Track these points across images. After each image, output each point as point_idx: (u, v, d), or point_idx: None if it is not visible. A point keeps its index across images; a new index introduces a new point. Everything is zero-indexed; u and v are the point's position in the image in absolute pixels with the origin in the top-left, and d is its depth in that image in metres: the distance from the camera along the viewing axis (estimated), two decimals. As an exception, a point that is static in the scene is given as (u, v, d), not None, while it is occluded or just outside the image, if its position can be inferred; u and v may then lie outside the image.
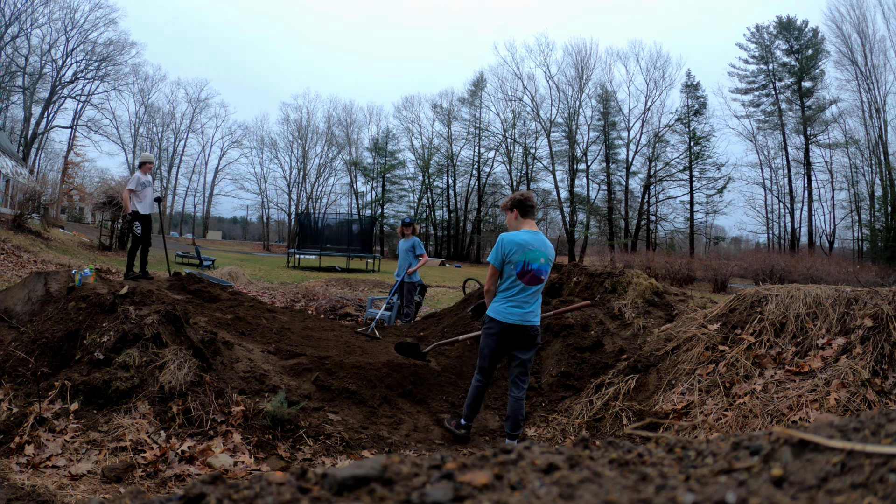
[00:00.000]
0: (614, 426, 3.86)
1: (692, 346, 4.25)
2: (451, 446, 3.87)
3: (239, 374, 4.04)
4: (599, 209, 49.58)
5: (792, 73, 42.83)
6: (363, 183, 57.29)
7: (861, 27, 37.42)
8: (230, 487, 0.61)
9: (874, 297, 3.77)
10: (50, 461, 2.84)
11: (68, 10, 42.14)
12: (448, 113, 54.38)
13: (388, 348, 5.25)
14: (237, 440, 3.27)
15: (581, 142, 49.73)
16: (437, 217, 56.34)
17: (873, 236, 36.34)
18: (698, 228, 47.30)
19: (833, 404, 3.17)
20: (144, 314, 3.85)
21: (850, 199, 40.08)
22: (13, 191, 23.73)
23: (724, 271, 22.95)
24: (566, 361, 5.09)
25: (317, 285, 12.84)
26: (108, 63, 45.04)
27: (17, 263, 11.07)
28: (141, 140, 53.20)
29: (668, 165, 47.45)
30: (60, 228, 22.26)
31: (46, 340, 3.76)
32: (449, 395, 4.60)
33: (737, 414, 3.42)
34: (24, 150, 40.62)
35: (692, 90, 47.20)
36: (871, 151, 37.64)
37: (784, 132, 43.43)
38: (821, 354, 3.59)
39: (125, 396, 3.34)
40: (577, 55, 49.61)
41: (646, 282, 6.41)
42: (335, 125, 56.85)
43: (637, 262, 23.94)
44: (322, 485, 0.60)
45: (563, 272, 7.43)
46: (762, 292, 4.34)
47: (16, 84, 40.46)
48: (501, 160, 53.44)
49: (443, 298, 12.05)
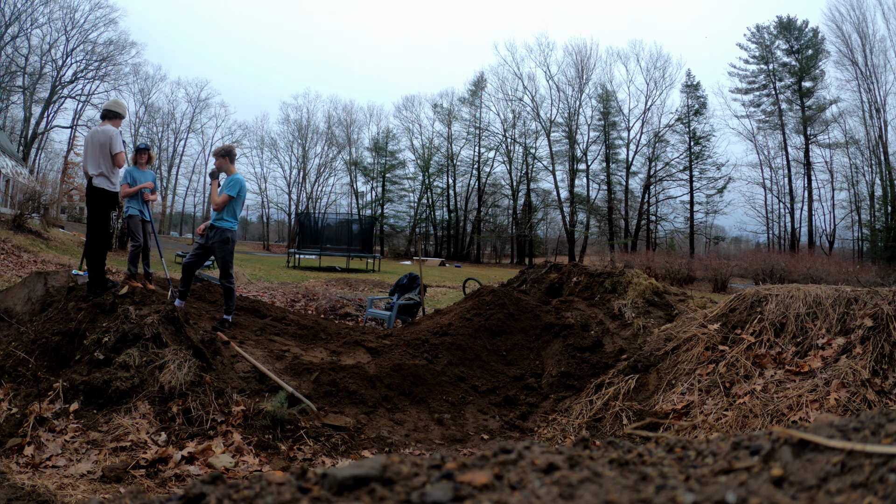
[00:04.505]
0: (614, 426, 3.86)
1: (692, 346, 4.25)
2: (451, 446, 3.87)
3: (239, 374, 4.05)
4: (599, 209, 49.59)
5: (792, 73, 42.83)
6: (363, 183, 57.35)
7: (861, 27, 37.43)
8: (230, 487, 0.61)
9: (874, 297, 3.77)
10: (50, 461, 2.84)
11: (68, 9, 42.16)
12: (448, 113, 54.42)
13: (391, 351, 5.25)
14: (237, 440, 3.27)
15: (581, 142, 49.77)
16: (437, 217, 56.35)
17: (873, 236, 36.33)
18: (698, 228, 47.30)
19: (833, 404, 3.17)
20: (144, 314, 3.85)
21: (850, 199, 40.12)
22: (13, 191, 23.73)
23: (724, 271, 22.93)
24: (566, 361, 5.09)
25: (317, 285, 12.85)
26: (108, 63, 45.06)
27: (17, 263, 11.07)
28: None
29: (668, 165, 47.48)
30: (60, 228, 22.26)
31: (46, 340, 3.76)
32: (449, 395, 4.60)
33: (737, 414, 3.42)
34: (24, 150, 40.62)
35: (692, 90, 47.22)
36: (871, 151, 37.65)
37: (784, 132, 43.44)
38: (821, 354, 3.59)
39: (125, 396, 3.34)
40: (577, 55, 49.69)
41: (646, 282, 6.41)
42: (335, 125, 56.88)
43: (637, 262, 23.93)
44: (322, 485, 0.60)
45: (564, 272, 7.43)
46: (762, 292, 4.34)
47: (16, 84, 40.46)
48: (501, 160, 53.49)
49: (443, 298, 12.05)
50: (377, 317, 7.98)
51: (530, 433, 4.21)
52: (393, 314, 7.54)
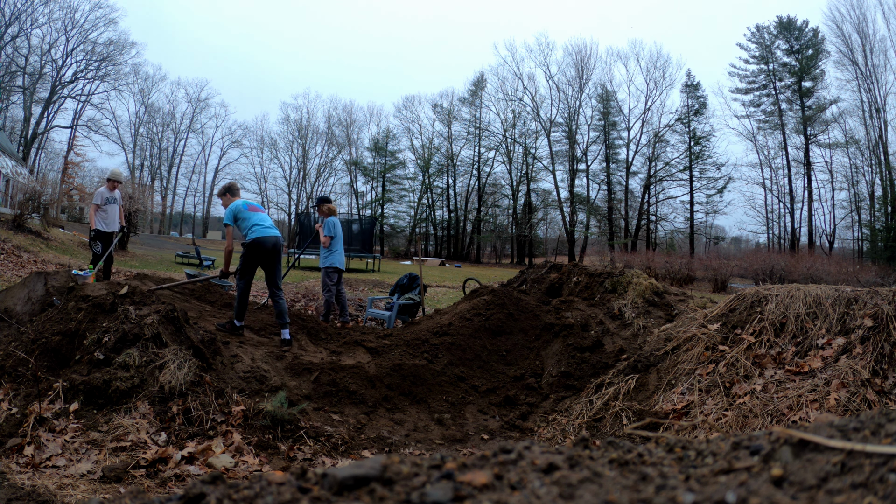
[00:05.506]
0: (614, 426, 3.86)
1: (692, 346, 4.25)
2: (451, 446, 3.87)
3: (239, 374, 4.05)
4: (599, 209, 49.58)
5: (792, 73, 42.83)
6: (363, 183, 57.36)
7: (861, 27, 37.44)
8: (230, 487, 0.61)
9: (874, 297, 3.77)
10: (50, 461, 2.84)
11: (68, 9, 42.18)
12: (448, 113, 54.40)
13: (392, 350, 5.25)
14: (237, 440, 3.27)
15: (581, 142, 49.77)
16: (437, 217, 56.34)
17: (873, 236, 36.33)
18: (698, 228, 47.30)
19: (833, 404, 3.17)
20: (144, 314, 3.85)
21: (850, 199, 40.12)
22: (13, 191, 23.73)
23: (724, 271, 22.92)
24: (566, 361, 5.09)
25: (317, 285, 12.84)
26: (108, 63, 45.08)
27: (17, 263, 11.07)
28: (141, 140, 53.28)
29: (668, 165, 47.47)
30: (60, 228, 22.26)
31: (46, 340, 3.76)
32: (449, 395, 4.60)
33: (737, 414, 3.42)
34: (24, 150, 40.61)
35: (692, 90, 47.21)
36: (871, 151, 37.65)
37: (784, 132, 43.44)
38: (821, 354, 3.59)
39: (125, 396, 3.34)
40: (577, 55, 49.67)
41: (646, 282, 6.42)
42: (335, 125, 56.90)
43: (637, 262, 23.92)
44: (322, 484, 0.60)
45: (563, 272, 7.43)
46: (762, 292, 4.33)
47: (16, 84, 40.46)
48: (501, 160, 53.47)
49: (443, 298, 12.05)
50: (377, 317, 7.98)
51: (530, 433, 4.21)
52: (393, 314, 7.54)
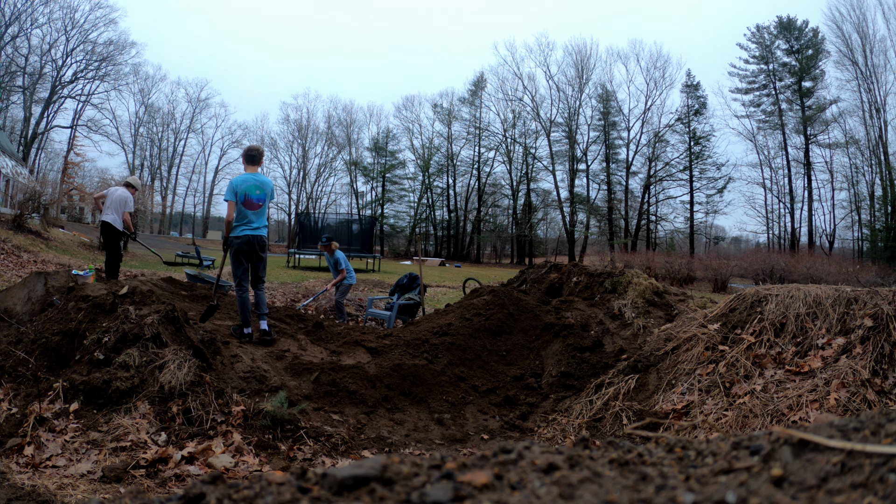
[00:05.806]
0: (614, 426, 3.86)
1: (692, 345, 4.25)
2: (451, 446, 3.87)
3: (239, 374, 4.05)
4: (599, 209, 49.59)
5: (792, 73, 42.83)
6: (363, 183, 57.37)
7: (861, 27, 37.44)
8: (230, 487, 0.61)
9: (874, 297, 3.77)
10: (50, 461, 2.84)
11: (68, 9, 42.16)
12: (448, 113, 54.41)
13: (392, 350, 5.25)
14: (237, 440, 3.27)
15: (581, 142, 49.78)
16: (437, 217, 56.35)
17: (873, 236, 36.33)
18: (698, 228, 47.32)
19: (833, 404, 3.17)
20: (144, 314, 3.85)
21: (850, 199, 40.13)
22: (13, 191, 23.73)
23: (724, 271, 22.92)
24: (566, 361, 5.09)
25: (317, 285, 12.83)
26: (108, 63, 45.05)
27: (17, 263, 11.07)
28: (141, 140, 53.26)
29: (668, 165, 47.49)
30: (60, 228, 22.25)
31: (46, 340, 3.76)
32: (449, 395, 4.60)
33: (737, 414, 3.42)
34: (24, 150, 40.60)
35: (692, 90, 47.22)
36: (871, 151, 37.65)
37: (784, 132, 43.44)
38: (821, 354, 3.59)
39: (125, 396, 3.34)
40: (577, 55, 49.69)
41: (646, 282, 6.42)
42: (335, 125, 56.90)
43: (637, 262, 23.93)
44: (322, 485, 0.60)
45: (563, 272, 7.44)
46: (762, 292, 4.33)
47: (16, 84, 40.45)
48: (501, 160, 53.49)
49: (443, 298, 12.05)
50: (377, 317, 7.99)
51: (530, 433, 4.21)
52: (393, 314, 7.54)
